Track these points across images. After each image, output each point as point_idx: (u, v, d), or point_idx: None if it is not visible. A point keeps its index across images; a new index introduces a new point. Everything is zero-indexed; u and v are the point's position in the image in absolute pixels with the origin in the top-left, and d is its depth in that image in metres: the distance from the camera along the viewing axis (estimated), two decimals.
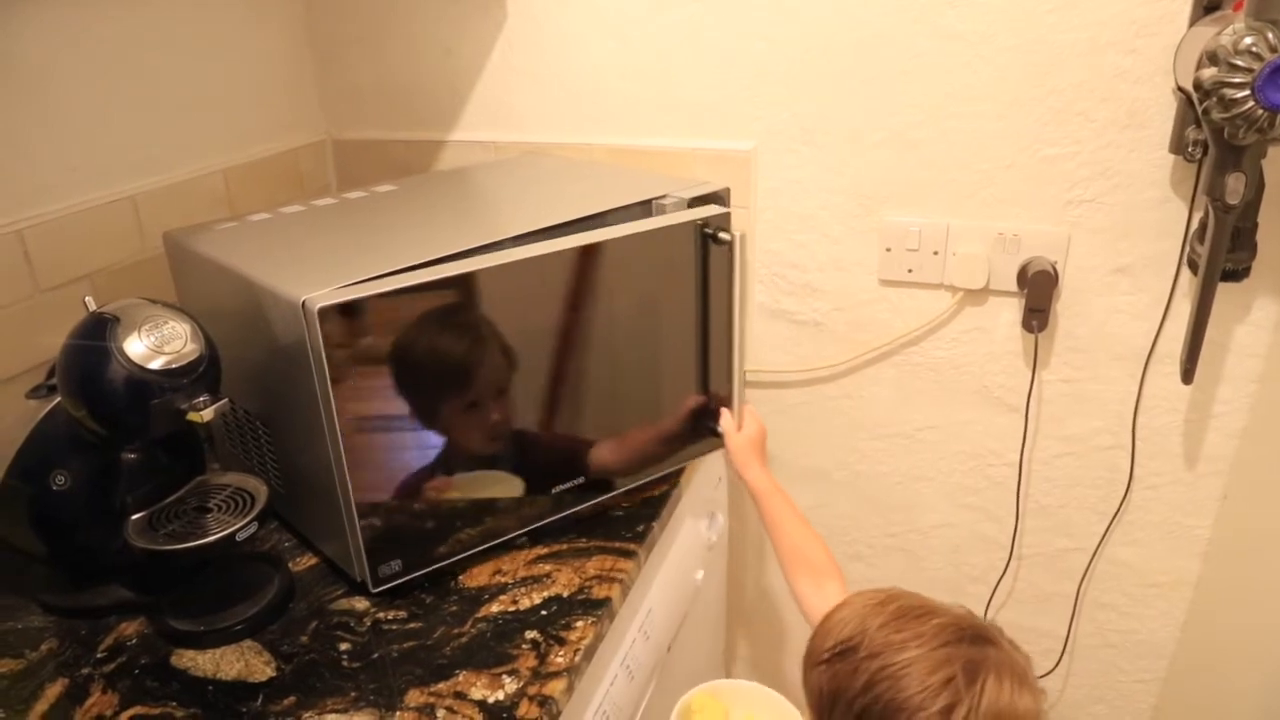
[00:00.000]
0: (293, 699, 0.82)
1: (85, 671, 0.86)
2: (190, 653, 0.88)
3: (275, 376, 0.92)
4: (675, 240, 1.02)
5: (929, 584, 1.54)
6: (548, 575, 0.97)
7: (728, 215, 1.03)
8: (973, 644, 0.72)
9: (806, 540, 1.05)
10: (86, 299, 0.87)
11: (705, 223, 1.03)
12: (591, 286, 0.97)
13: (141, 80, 1.23)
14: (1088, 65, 1.15)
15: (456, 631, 0.89)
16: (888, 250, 1.32)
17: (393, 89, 1.53)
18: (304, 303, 0.80)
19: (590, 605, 0.92)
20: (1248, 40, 0.92)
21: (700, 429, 1.15)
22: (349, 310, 0.81)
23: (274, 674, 0.85)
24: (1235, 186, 1.01)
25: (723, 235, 1.02)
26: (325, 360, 0.81)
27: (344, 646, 0.88)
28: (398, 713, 0.80)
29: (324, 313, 0.79)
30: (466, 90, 1.48)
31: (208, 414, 0.85)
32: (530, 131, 1.47)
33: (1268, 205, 1.09)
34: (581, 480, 1.04)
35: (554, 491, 1.02)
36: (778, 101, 1.31)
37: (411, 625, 0.90)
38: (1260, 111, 0.93)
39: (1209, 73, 0.95)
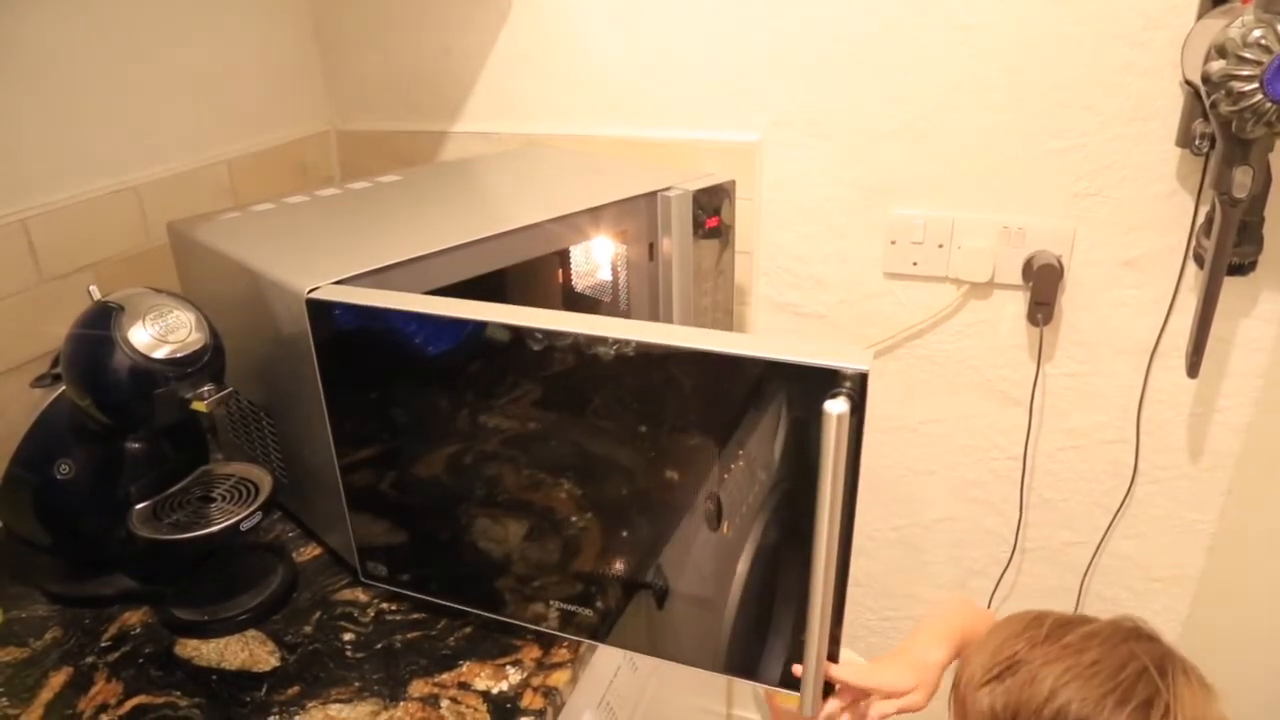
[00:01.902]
0: (297, 689, 0.82)
1: (89, 660, 0.86)
2: (194, 642, 0.88)
3: (278, 367, 0.92)
4: (776, 384, 0.69)
5: (931, 577, 1.54)
6: None
7: (863, 377, 0.66)
8: (1150, 641, 0.70)
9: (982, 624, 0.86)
10: (91, 288, 0.87)
11: (826, 375, 0.66)
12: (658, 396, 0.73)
13: (146, 70, 1.22)
14: (1095, 58, 1.14)
15: (460, 622, 0.89)
16: (893, 243, 1.32)
17: (397, 80, 1.52)
18: (307, 294, 0.80)
19: None
20: (1256, 33, 0.91)
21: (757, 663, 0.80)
22: (349, 305, 0.80)
23: (278, 664, 0.85)
24: (1242, 180, 1.01)
25: (830, 407, 0.65)
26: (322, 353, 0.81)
27: (348, 637, 0.88)
28: (401, 703, 0.80)
29: (325, 305, 0.79)
30: (470, 81, 1.48)
31: (212, 404, 0.85)
32: (534, 123, 1.47)
33: (1274, 199, 1.08)
34: (591, 613, 0.83)
35: (554, 605, 0.84)
36: (784, 93, 1.30)
37: (415, 616, 0.90)
38: (1268, 105, 0.93)
39: (1217, 65, 0.94)
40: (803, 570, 0.70)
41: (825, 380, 0.66)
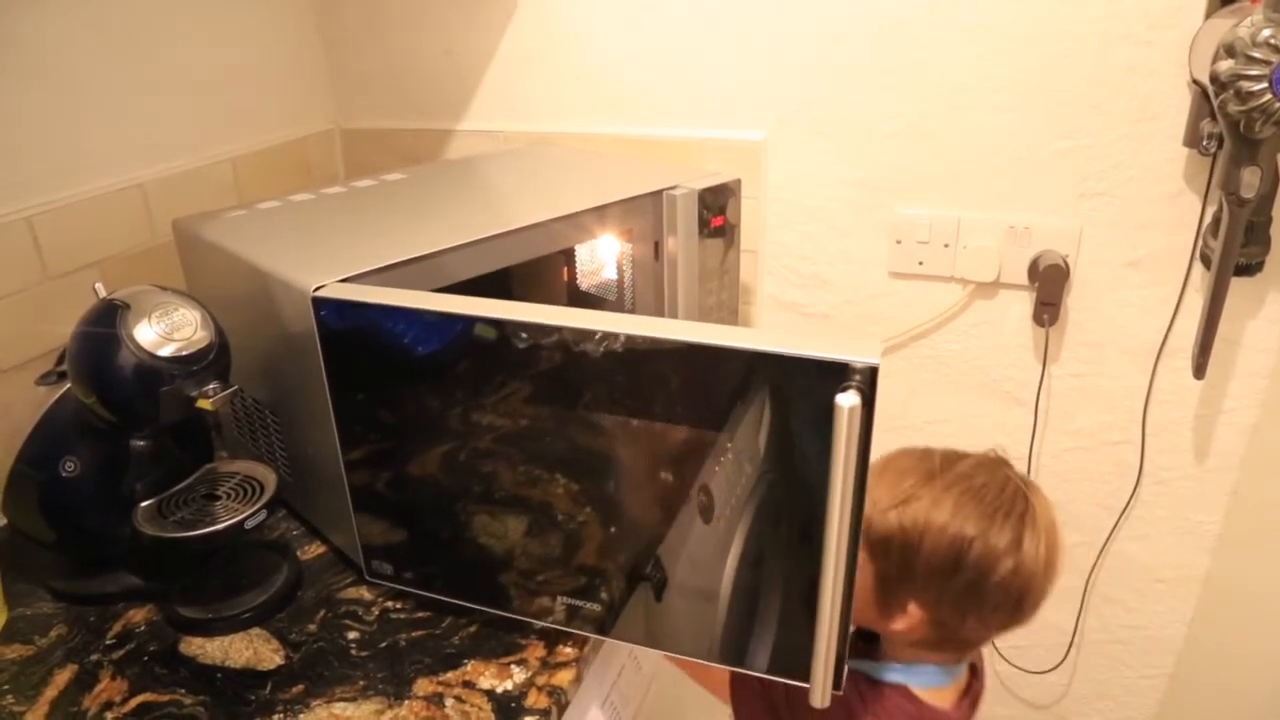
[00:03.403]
0: (301, 687, 0.82)
1: (94, 658, 0.86)
2: (199, 640, 0.88)
3: (284, 365, 0.92)
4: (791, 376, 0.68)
5: None
6: None
7: (873, 370, 0.64)
8: (1012, 466, 0.88)
9: None
10: (97, 285, 0.87)
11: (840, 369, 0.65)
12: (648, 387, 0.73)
13: (152, 68, 1.23)
14: (1101, 57, 1.14)
15: (465, 620, 0.89)
16: (898, 243, 1.32)
17: (401, 78, 1.52)
18: (313, 292, 0.80)
19: None
20: (1266, 32, 0.91)
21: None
22: (356, 303, 0.79)
23: (282, 662, 0.85)
24: (1250, 180, 1.00)
25: (842, 400, 0.63)
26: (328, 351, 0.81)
27: (352, 635, 0.88)
28: (406, 701, 0.80)
29: (331, 303, 0.79)
30: (475, 80, 1.48)
31: (217, 402, 0.85)
32: (539, 121, 1.46)
33: None
34: (598, 606, 0.82)
35: (562, 600, 0.83)
36: (789, 91, 1.30)
37: (420, 614, 0.90)
38: (1277, 105, 0.92)
39: (1226, 65, 0.94)
40: (812, 561, 0.71)
41: (836, 374, 0.65)
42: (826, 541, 0.68)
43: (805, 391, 0.68)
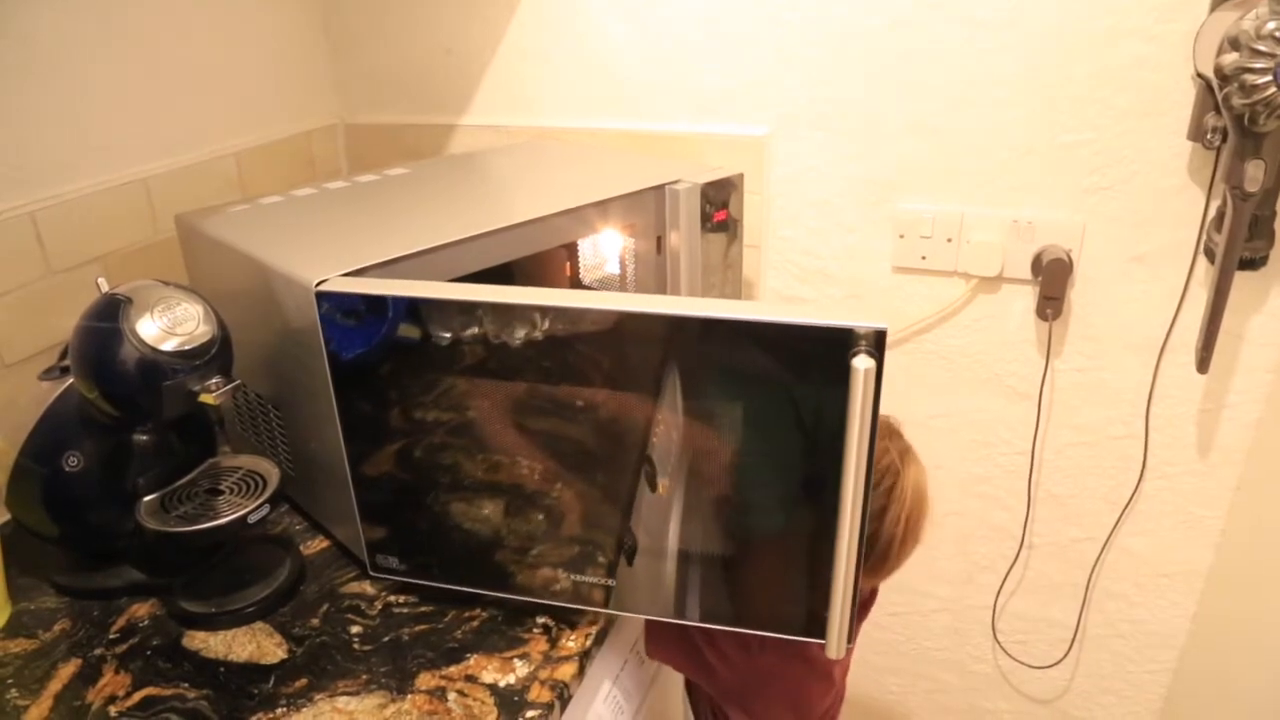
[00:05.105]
0: (304, 681, 0.82)
1: (98, 652, 0.86)
2: (202, 634, 0.88)
3: (286, 360, 0.92)
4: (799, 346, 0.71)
5: (939, 572, 1.53)
6: None
7: (880, 334, 0.68)
8: (898, 438, 0.94)
9: None
10: (99, 280, 0.87)
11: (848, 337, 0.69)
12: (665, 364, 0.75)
13: (155, 63, 1.23)
14: (1107, 52, 1.14)
15: (467, 615, 0.89)
16: (901, 237, 1.31)
17: (405, 73, 1.52)
18: (316, 286, 0.80)
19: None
20: (1270, 25, 0.91)
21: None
22: (360, 297, 0.79)
23: (285, 656, 0.85)
24: (1254, 174, 1.00)
25: (858, 363, 0.68)
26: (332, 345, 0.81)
27: (355, 629, 0.88)
28: (409, 695, 0.80)
29: (334, 297, 0.79)
30: (478, 74, 1.48)
31: (219, 396, 0.85)
32: (542, 116, 1.46)
33: None
34: (611, 584, 0.84)
35: (572, 579, 0.85)
36: (793, 86, 1.30)
37: (422, 608, 0.91)
38: None
39: (1230, 58, 0.94)
40: (828, 521, 0.74)
41: (844, 340, 0.68)
42: (841, 502, 0.71)
43: (819, 358, 0.70)
